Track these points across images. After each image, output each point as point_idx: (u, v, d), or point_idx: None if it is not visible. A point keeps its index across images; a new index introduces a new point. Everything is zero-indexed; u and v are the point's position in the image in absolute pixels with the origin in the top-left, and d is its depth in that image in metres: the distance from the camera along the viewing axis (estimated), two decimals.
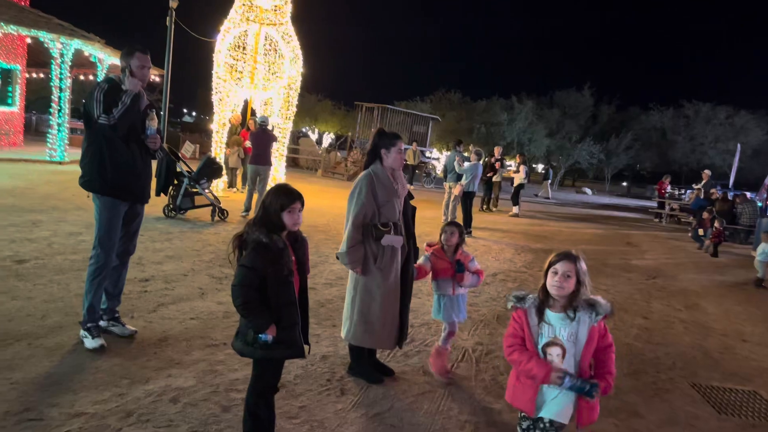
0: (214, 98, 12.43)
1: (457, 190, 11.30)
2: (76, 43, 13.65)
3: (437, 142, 44.96)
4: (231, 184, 13.14)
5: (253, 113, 13.85)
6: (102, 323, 4.04)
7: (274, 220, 2.71)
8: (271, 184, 12.59)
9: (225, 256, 2.85)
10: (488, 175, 16.11)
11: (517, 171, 16.14)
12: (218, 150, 12.25)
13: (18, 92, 17.51)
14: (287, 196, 2.75)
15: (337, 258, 3.92)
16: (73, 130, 17.25)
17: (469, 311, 5.94)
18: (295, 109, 13.54)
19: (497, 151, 16.72)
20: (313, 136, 47.24)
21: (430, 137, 25.26)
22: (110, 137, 3.76)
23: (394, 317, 3.92)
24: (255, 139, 9.57)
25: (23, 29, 12.57)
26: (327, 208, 12.24)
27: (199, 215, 9.13)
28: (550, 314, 2.53)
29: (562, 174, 46.60)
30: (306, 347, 2.83)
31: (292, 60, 12.81)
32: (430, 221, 12.50)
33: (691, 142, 41.33)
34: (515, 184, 16.07)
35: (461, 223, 4.56)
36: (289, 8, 12.66)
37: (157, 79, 20.27)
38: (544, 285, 2.55)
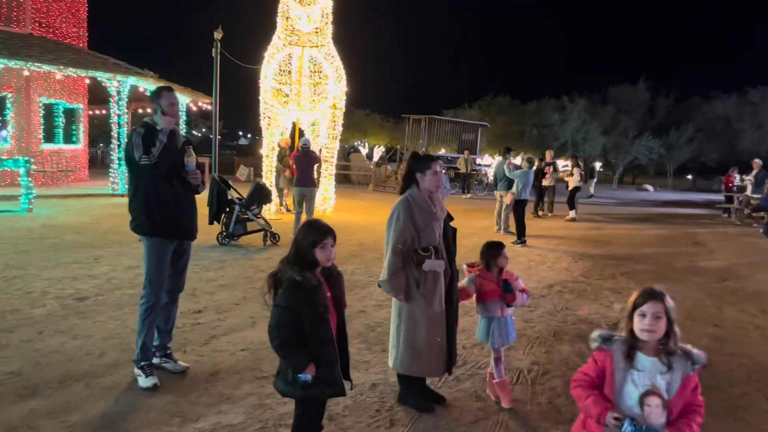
0: (263, 123, 12.69)
1: (508, 199, 11.06)
2: (131, 80, 14.27)
3: (488, 149, 44.41)
4: (281, 205, 13.35)
5: (301, 134, 14.06)
6: (155, 360, 4.12)
7: (306, 256, 2.68)
8: (319, 205, 12.80)
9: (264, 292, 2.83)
10: (541, 180, 15.77)
11: (572, 174, 15.69)
12: (269, 174, 12.47)
13: (81, 130, 18.44)
14: (319, 232, 2.72)
15: (379, 286, 3.87)
16: None
17: (524, 327, 5.76)
18: (341, 128, 13.66)
19: (548, 155, 16.34)
20: (364, 151, 47.67)
21: (480, 144, 24.97)
22: (154, 178, 3.86)
23: (442, 343, 3.82)
24: (298, 161, 9.69)
25: (81, 71, 13.25)
26: (378, 224, 12.23)
27: (251, 240, 9.29)
28: (642, 358, 2.30)
29: (621, 172, 45.11)
30: (347, 384, 2.78)
31: (335, 80, 12.93)
32: (482, 231, 12.32)
33: (759, 130, 39.19)
34: (570, 188, 15.62)
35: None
36: (329, 29, 12.81)
37: (209, 107, 20.93)
38: (631, 329, 2.32)
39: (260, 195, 8.84)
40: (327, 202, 13.35)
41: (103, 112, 24.90)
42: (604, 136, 41.24)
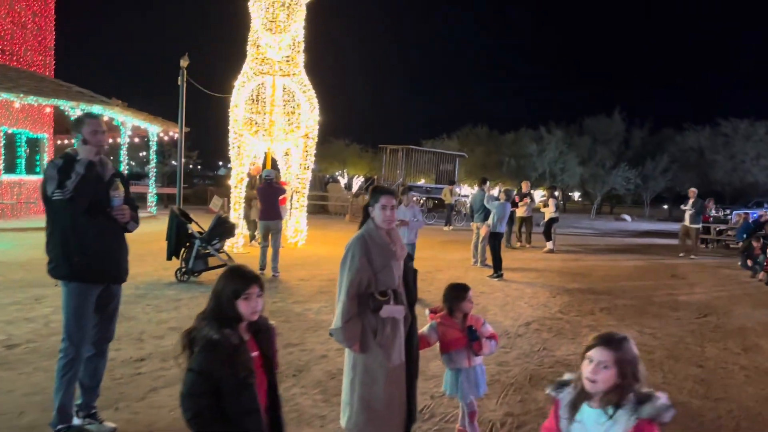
0: (232, 152, 12.29)
1: (483, 231, 10.75)
2: (97, 109, 13.79)
3: (467, 179, 44.44)
4: (252, 238, 12.86)
5: (274, 165, 13.66)
6: (76, 421, 3.63)
7: (227, 310, 2.26)
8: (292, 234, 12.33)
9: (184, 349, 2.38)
10: (512, 210, 15.57)
11: (547, 204, 15.48)
12: (237, 205, 12.03)
13: (46, 160, 17.83)
14: (242, 280, 2.31)
15: (331, 335, 3.44)
16: None
17: (498, 372, 5.35)
18: (313, 158, 13.31)
19: (525, 185, 16.14)
20: (343, 181, 47.39)
21: (457, 174, 24.81)
22: (72, 215, 3.41)
23: (401, 399, 3.39)
24: (262, 193, 9.29)
25: (42, 99, 12.77)
26: None
27: (214, 277, 8.78)
28: (586, 410, 2.02)
29: (599, 201, 45.30)
30: None
31: (308, 109, 12.64)
32: (458, 264, 11.95)
33: (732, 161, 39.76)
34: (545, 219, 15.40)
35: (464, 286, 4.00)
36: (301, 58, 12.57)
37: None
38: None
39: (222, 229, 8.39)
40: (298, 234, 12.91)
41: (71, 141, 24.36)
42: (582, 166, 41.48)
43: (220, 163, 73.64)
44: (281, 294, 8.03)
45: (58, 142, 20.29)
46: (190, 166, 43.31)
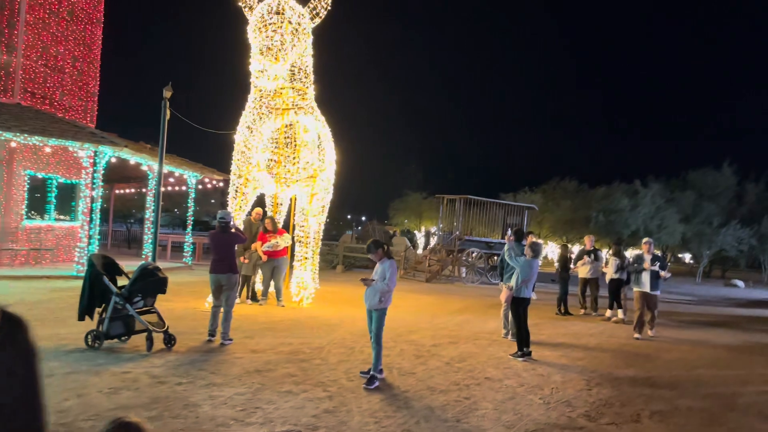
0: (230, 195, 10.88)
1: (503, 295, 8.44)
2: (107, 150, 13.01)
3: (551, 236, 41.14)
4: (248, 296, 11.22)
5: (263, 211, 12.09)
6: None
7: None
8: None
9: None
10: (573, 268, 13.03)
11: (607, 263, 12.77)
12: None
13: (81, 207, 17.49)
14: None
15: None
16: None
17: None
18: (323, 204, 11.65)
19: (588, 240, 13.50)
20: (420, 236, 45.44)
21: (526, 229, 22.18)
22: None
23: None
24: (213, 241, 7.64)
25: (46, 138, 12.11)
26: (352, 321, 9.79)
27: (141, 342, 7.09)
28: None
29: (707, 264, 40.17)
30: None
31: (316, 147, 11.08)
32: (485, 336, 9.45)
33: None
34: (607, 280, 12.65)
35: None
36: (311, 90, 11.13)
37: (221, 184, 19.86)
38: None
39: (146, 282, 6.77)
40: (302, 291, 11.12)
41: (128, 191, 24.44)
42: (684, 223, 37.04)
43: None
44: (201, 371, 6.19)
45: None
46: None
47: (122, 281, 7.11)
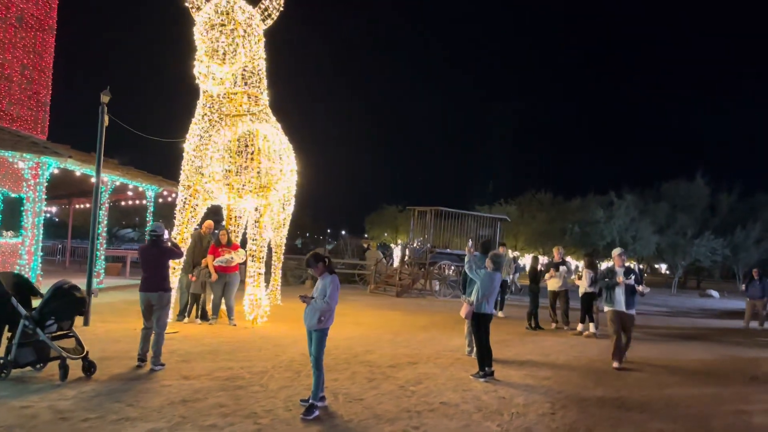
0: (177, 209, 10.21)
1: (463, 310, 7.88)
2: (49, 161, 12.22)
3: (527, 248, 40.90)
4: (198, 315, 10.51)
5: (217, 224, 11.46)
6: None
7: None
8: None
9: None
10: (538, 282, 12.62)
11: (581, 277, 12.30)
12: (176, 272, 9.82)
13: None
14: None
15: None
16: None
17: None
18: (284, 216, 11.05)
19: (556, 252, 13.07)
20: (397, 249, 44.81)
21: (498, 240, 21.72)
22: None
23: None
24: (143, 255, 6.98)
25: None
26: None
27: (53, 371, 6.38)
28: None
29: (681, 275, 40.17)
30: None
31: (270, 156, 10.49)
32: (447, 354, 8.81)
33: None
34: (580, 294, 12.19)
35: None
36: (265, 95, 10.57)
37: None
38: None
39: (60, 303, 6.07)
40: (255, 309, 10.45)
41: (88, 206, 23.47)
42: (658, 234, 37.02)
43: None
44: (117, 403, 5.51)
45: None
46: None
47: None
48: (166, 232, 7.12)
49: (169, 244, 7.16)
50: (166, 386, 6.11)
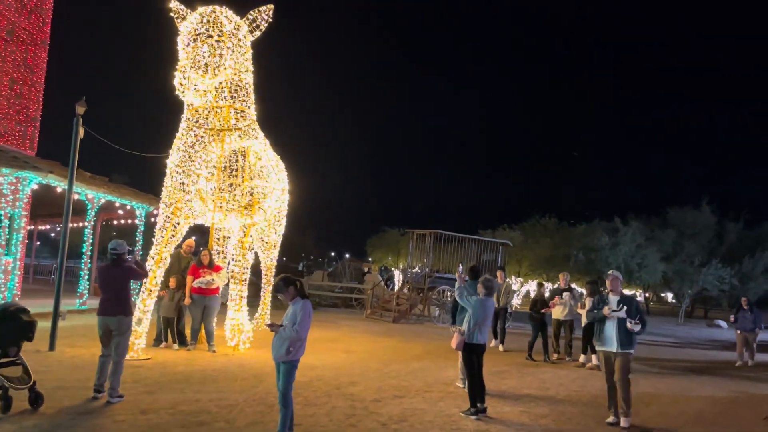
0: (157, 227, 9.68)
1: (454, 341, 7.26)
2: (29, 176, 11.77)
3: (531, 275, 40.12)
4: (167, 339, 9.92)
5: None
6: None
7: None
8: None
9: None
10: (543, 311, 11.94)
11: (584, 305, 11.65)
12: (145, 293, 9.20)
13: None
14: None
15: None
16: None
17: None
18: (267, 237, 10.51)
19: (562, 278, 12.47)
20: (399, 273, 44.14)
21: (498, 265, 21.09)
22: None
23: None
24: (102, 275, 6.44)
25: None
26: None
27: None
28: None
29: (688, 303, 39.26)
30: None
31: (257, 173, 10.00)
32: (439, 387, 8.17)
33: None
34: (583, 324, 11.54)
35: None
36: (252, 109, 10.13)
37: None
38: None
39: (7, 327, 5.51)
40: (237, 335, 9.85)
41: (81, 224, 23.03)
42: (665, 262, 36.21)
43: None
44: None
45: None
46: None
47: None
48: (128, 249, 6.57)
49: (133, 263, 6.61)
50: (119, 422, 5.51)
